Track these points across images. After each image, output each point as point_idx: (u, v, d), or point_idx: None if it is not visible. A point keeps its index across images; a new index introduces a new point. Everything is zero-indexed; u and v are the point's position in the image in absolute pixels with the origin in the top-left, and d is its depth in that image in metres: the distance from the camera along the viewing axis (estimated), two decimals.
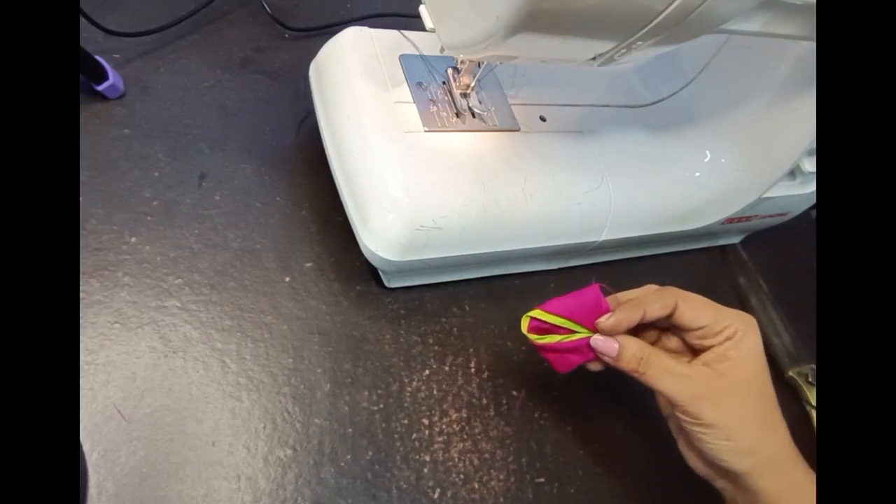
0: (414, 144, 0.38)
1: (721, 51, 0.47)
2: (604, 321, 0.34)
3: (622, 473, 0.42)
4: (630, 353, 0.34)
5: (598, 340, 0.35)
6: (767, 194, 0.46)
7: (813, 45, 0.36)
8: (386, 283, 0.42)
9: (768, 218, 0.52)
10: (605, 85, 0.49)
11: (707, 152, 0.47)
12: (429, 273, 0.43)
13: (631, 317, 0.34)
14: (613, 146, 0.46)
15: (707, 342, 0.34)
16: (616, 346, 0.34)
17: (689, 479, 0.35)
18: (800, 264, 0.59)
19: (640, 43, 0.29)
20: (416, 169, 0.37)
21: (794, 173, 0.46)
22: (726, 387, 0.32)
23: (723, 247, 0.57)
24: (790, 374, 0.50)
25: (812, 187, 0.48)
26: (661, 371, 0.33)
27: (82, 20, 0.41)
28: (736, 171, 0.46)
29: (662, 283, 0.36)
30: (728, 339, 0.33)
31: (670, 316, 0.34)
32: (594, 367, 0.36)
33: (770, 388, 0.33)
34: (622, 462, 0.42)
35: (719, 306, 0.34)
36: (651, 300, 0.34)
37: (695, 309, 0.34)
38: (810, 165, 0.45)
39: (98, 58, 0.41)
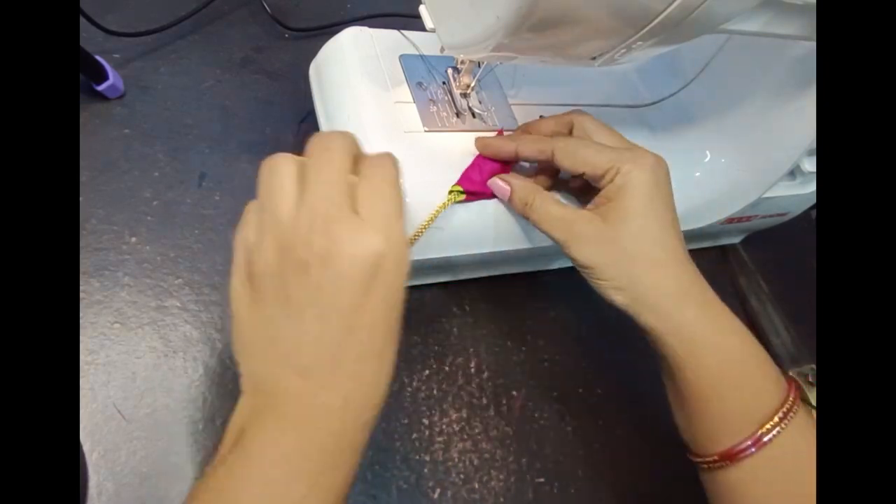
0: (414, 144, 0.38)
1: (721, 51, 0.46)
2: (477, 138, 0.38)
3: (622, 473, 0.42)
4: (518, 197, 0.36)
5: (494, 182, 0.37)
6: (767, 194, 0.46)
7: (813, 45, 0.36)
8: None
9: (768, 218, 0.52)
10: (604, 85, 0.49)
11: (707, 152, 0.47)
12: (430, 273, 0.43)
13: (502, 146, 0.37)
14: None
15: (597, 184, 0.35)
16: (507, 188, 0.37)
17: (690, 479, 0.35)
18: (800, 264, 0.59)
19: (640, 43, 0.29)
20: (416, 169, 0.37)
21: (794, 173, 0.46)
22: (600, 229, 0.33)
23: (723, 247, 0.57)
24: (790, 374, 0.50)
25: (812, 187, 0.48)
26: (544, 214, 0.35)
27: (82, 20, 0.41)
28: (736, 172, 0.46)
29: None
30: (611, 181, 0.33)
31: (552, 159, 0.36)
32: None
33: (661, 229, 0.33)
34: (622, 462, 0.42)
35: (614, 148, 0.35)
36: (527, 141, 0.37)
37: (574, 156, 0.34)
38: (810, 165, 0.45)
39: (98, 58, 0.41)
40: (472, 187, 0.37)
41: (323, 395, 0.25)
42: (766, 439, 0.30)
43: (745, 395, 0.31)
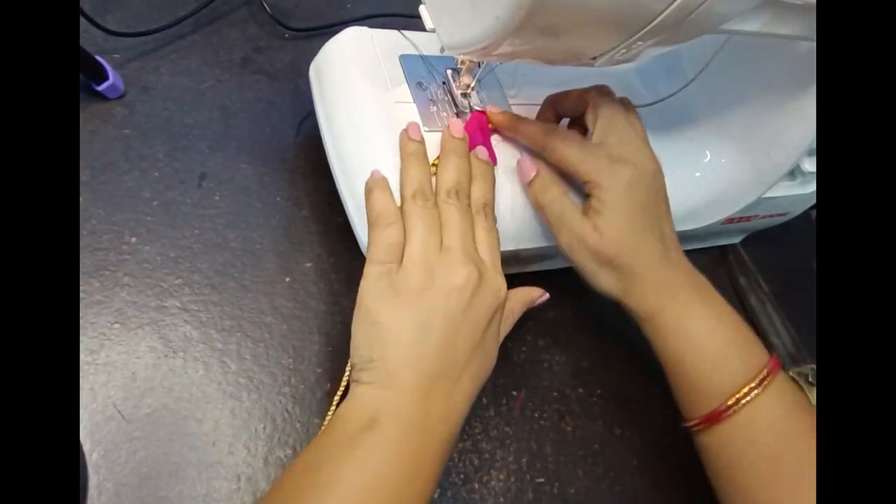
0: None
1: (721, 51, 0.47)
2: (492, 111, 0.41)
3: (622, 473, 0.42)
4: (538, 185, 0.38)
5: (524, 160, 0.39)
6: (767, 194, 0.46)
7: (813, 45, 0.36)
8: None
9: (768, 218, 0.52)
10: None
11: (707, 152, 0.47)
12: None
13: (509, 124, 0.40)
14: None
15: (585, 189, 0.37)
16: (533, 173, 0.38)
17: (689, 479, 0.35)
18: (800, 264, 0.59)
19: (640, 43, 0.29)
20: None
21: (793, 173, 0.46)
22: (590, 235, 0.36)
23: (723, 247, 0.57)
24: (790, 374, 0.50)
25: (812, 187, 0.48)
26: (553, 210, 0.37)
27: (82, 20, 0.41)
28: (736, 172, 0.46)
29: None
30: (591, 194, 0.36)
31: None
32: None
33: (642, 240, 0.36)
34: (622, 462, 0.42)
35: (598, 156, 0.36)
36: (528, 131, 0.39)
37: (561, 159, 0.37)
38: (810, 165, 0.45)
39: (98, 58, 0.41)
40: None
41: (436, 405, 0.30)
42: (743, 401, 0.33)
43: (723, 370, 0.34)
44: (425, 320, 0.31)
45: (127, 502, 0.32)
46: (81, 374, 0.34)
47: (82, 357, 0.34)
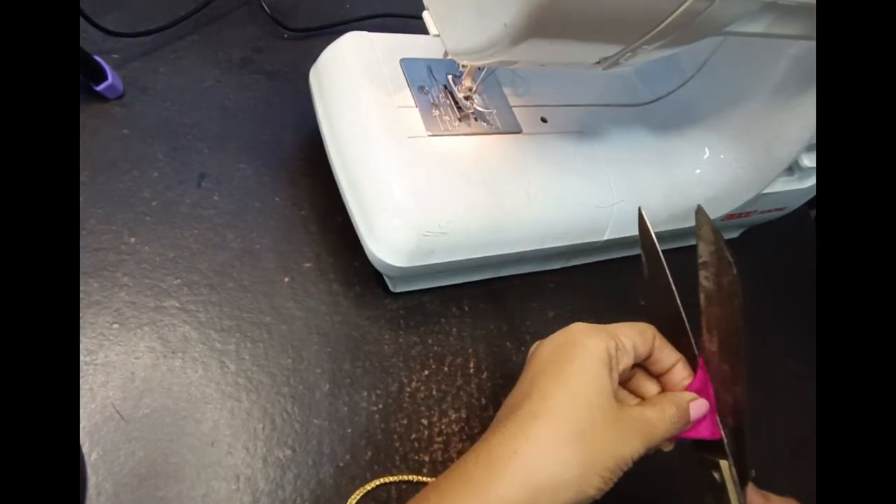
0: (418, 149, 0.38)
1: (719, 48, 0.47)
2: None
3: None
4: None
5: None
6: (766, 190, 0.46)
7: (811, 43, 0.36)
8: (391, 289, 0.42)
9: (766, 213, 0.52)
10: (604, 84, 0.50)
11: (706, 149, 0.48)
12: (434, 277, 0.43)
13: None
14: (614, 146, 0.46)
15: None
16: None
17: (689, 479, 0.35)
18: (799, 262, 0.59)
19: (645, 47, 0.29)
20: (421, 174, 0.37)
21: (792, 168, 0.46)
22: None
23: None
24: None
25: (810, 182, 0.49)
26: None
27: (81, 20, 0.41)
28: (735, 168, 0.46)
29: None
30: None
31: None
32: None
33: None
34: None
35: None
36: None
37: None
38: (809, 161, 0.45)
39: (97, 58, 0.41)
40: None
41: None
42: None
43: None
44: None
45: (126, 502, 0.32)
46: (80, 374, 0.34)
47: (81, 357, 0.34)
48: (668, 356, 0.33)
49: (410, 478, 0.36)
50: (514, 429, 0.28)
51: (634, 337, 0.32)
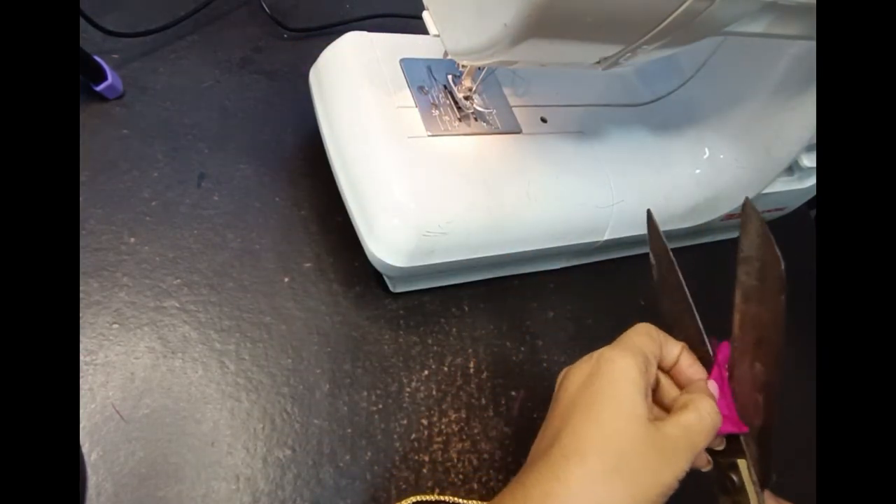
0: (418, 149, 0.38)
1: (719, 48, 0.47)
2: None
3: None
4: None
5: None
6: (766, 190, 0.46)
7: (811, 43, 0.36)
8: (391, 289, 0.42)
9: (766, 213, 0.52)
10: (604, 84, 0.50)
11: (706, 149, 0.48)
12: (434, 277, 0.43)
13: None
14: (614, 146, 0.46)
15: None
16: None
17: (688, 479, 0.35)
18: (800, 264, 0.59)
19: (645, 47, 0.29)
20: (421, 174, 0.37)
21: (792, 168, 0.46)
22: None
23: (722, 242, 0.57)
24: None
25: (810, 182, 0.49)
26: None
27: (81, 20, 0.41)
28: (735, 168, 0.46)
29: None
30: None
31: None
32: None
33: None
34: None
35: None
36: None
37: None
38: (808, 161, 0.45)
39: (97, 58, 0.41)
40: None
41: None
42: None
43: None
44: None
45: (126, 502, 0.32)
46: (80, 374, 0.34)
47: (81, 357, 0.34)
48: (673, 348, 0.32)
49: (446, 499, 0.36)
50: (546, 471, 0.27)
51: (649, 343, 0.31)
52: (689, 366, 0.32)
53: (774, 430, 0.31)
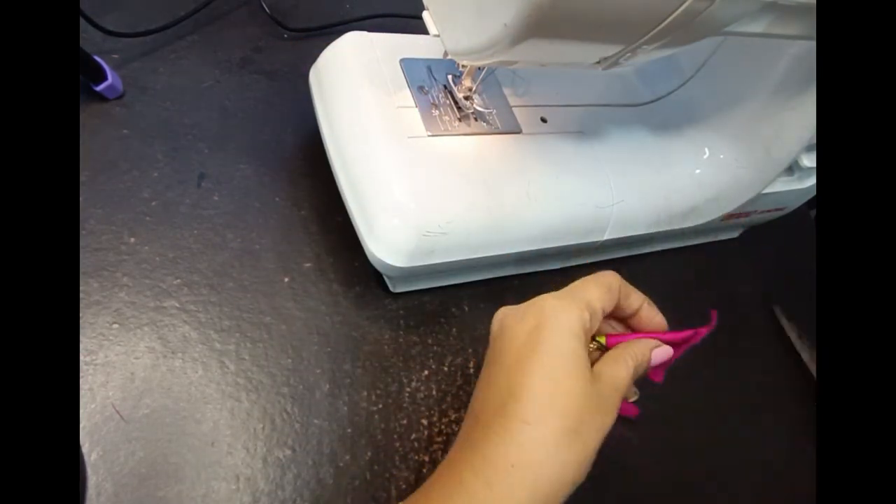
0: (418, 149, 0.38)
1: (719, 48, 0.47)
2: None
3: (620, 473, 0.42)
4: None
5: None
6: (766, 190, 0.46)
7: (811, 43, 0.36)
8: (391, 289, 0.42)
9: (766, 213, 0.52)
10: (604, 84, 0.50)
11: (706, 149, 0.48)
12: (434, 277, 0.43)
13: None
14: (614, 146, 0.46)
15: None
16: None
17: (688, 479, 0.35)
18: (800, 264, 0.59)
19: (645, 47, 0.29)
20: (421, 174, 0.37)
21: (792, 168, 0.46)
22: None
23: (722, 242, 0.57)
24: None
25: (810, 182, 0.49)
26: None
27: (81, 20, 0.41)
28: (735, 168, 0.46)
29: (662, 281, 0.36)
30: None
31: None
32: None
33: None
34: (621, 462, 0.42)
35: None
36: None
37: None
38: (808, 161, 0.45)
39: (97, 58, 0.41)
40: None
41: None
42: None
43: None
44: None
45: (126, 502, 0.32)
46: (80, 374, 0.34)
47: (81, 357, 0.34)
48: (634, 301, 0.33)
49: None
50: (507, 437, 0.27)
51: (603, 297, 0.31)
52: (651, 318, 0.33)
53: None
